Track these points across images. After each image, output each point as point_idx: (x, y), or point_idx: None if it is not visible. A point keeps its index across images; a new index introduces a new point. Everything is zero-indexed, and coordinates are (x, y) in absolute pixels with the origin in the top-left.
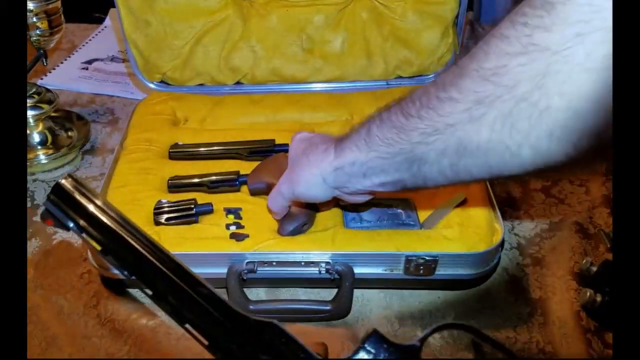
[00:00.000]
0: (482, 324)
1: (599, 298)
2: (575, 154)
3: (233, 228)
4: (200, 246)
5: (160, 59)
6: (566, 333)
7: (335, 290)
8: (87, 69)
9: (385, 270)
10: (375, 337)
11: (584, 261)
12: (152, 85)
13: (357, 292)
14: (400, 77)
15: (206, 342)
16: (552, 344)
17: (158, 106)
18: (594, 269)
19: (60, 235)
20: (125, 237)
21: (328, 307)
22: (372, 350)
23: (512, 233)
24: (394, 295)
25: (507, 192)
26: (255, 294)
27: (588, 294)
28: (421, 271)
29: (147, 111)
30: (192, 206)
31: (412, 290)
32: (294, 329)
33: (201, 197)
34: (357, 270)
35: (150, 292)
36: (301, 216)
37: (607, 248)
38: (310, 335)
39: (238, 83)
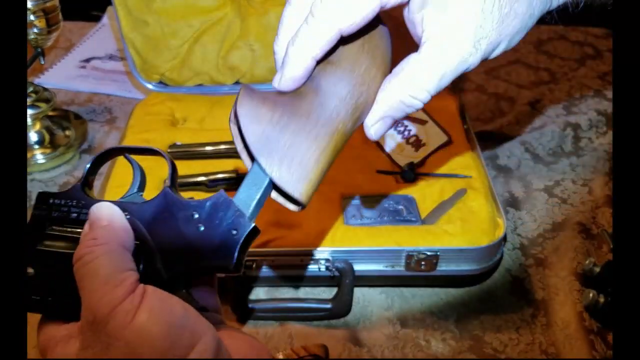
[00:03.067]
0: (484, 325)
1: (602, 299)
2: None
3: None
4: None
5: (158, 59)
6: (569, 334)
7: (335, 290)
8: (84, 67)
9: (386, 266)
10: None
11: (587, 262)
12: (150, 87)
13: (357, 293)
14: None
15: None
16: (554, 345)
17: (156, 107)
18: (597, 269)
19: None
20: None
21: (328, 306)
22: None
23: (515, 233)
24: (395, 296)
25: (509, 192)
26: (255, 293)
27: (591, 294)
28: (422, 267)
29: (145, 112)
30: None
31: (413, 292)
32: (295, 331)
33: (200, 196)
34: (358, 267)
35: None
36: None
37: (610, 248)
38: (310, 337)
39: (237, 83)
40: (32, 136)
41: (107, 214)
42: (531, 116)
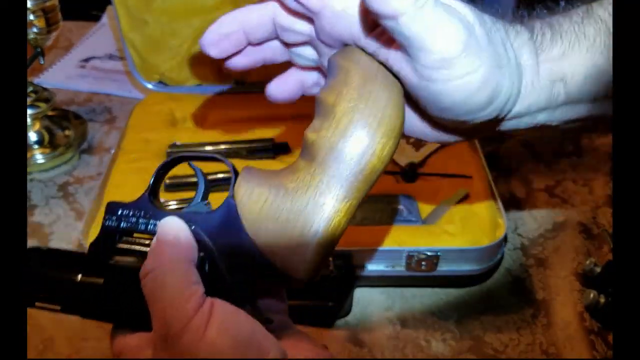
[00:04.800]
0: (485, 326)
1: (602, 299)
2: None
3: None
4: None
5: (158, 59)
6: (570, 334)
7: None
8: (84, 67)
9: (387, 266)
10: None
11: (588, 262)
12: (150, 86)
13: (358, 294)
14: None
15: None
16: (555, 346)
17: (156, 107)
18: (598, 269)
19: (57, 236)
20: None
21: (329, 306)
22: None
23: (516, 233)
24: (395, 296)
25: (510, 192)
26: None
27: (592, 294)
28: (423, 267)
29: (145, 112)
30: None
31: (414, 292)
32: None
33: None
34: (358, 267)
35: None
36: None
37: (611, 248)
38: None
39: (237, 82)
40: (32, 136)
41: (173, 229)
42: None
